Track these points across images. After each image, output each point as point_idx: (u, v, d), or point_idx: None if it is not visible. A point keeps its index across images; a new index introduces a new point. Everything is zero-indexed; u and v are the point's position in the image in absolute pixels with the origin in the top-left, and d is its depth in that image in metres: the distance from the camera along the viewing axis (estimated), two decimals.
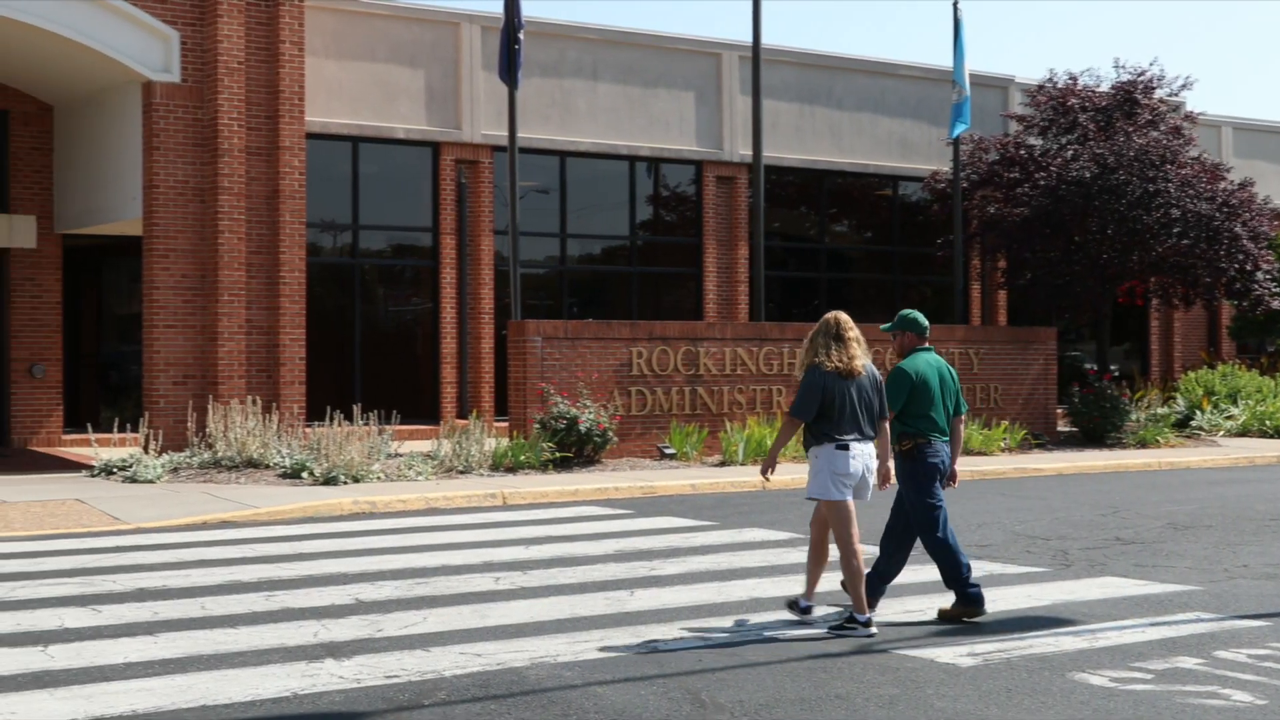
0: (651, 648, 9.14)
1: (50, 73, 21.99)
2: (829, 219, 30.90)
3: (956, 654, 9.01)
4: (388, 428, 20.51)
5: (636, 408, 21.84)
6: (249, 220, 20.91)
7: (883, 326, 11.06)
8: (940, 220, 29.91)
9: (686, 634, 9.58)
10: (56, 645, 9.09)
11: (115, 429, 20.89)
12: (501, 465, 19.79)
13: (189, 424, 20.06)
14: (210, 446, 19.63)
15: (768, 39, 26.05)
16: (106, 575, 11.77)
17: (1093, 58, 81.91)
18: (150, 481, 18.25)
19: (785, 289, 29.85)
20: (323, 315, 24.38)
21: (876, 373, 10.02)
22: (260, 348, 20.98)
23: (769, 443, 21.55)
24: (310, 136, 22.76)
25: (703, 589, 11.30)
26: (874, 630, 9.58)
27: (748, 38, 25.21)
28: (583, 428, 20.35)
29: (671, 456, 21.47)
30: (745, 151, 28.02)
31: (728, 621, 10.01)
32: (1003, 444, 24.07)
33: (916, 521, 10.30)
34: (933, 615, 10.23)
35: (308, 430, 20.42)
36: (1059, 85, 28.65)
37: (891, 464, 10.25)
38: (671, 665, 8.69)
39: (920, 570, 12.26)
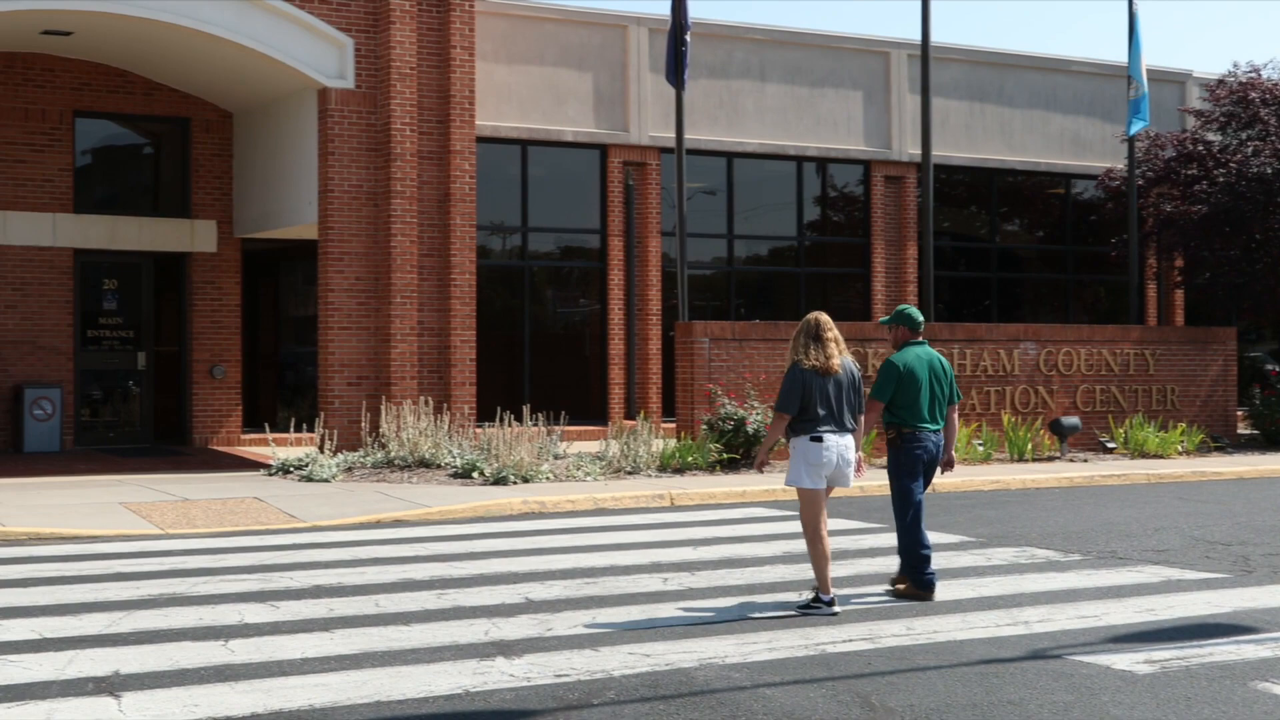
0: (820, 650, 9.10)
1: (231, 81, 22.56)
2: (1000, 218, 30.47)
3: (1133, 661, 8.82)
4: (556, 428, 20.67)
5: None
6: (421, 224, 21.22)
7: (881, 319, 11.98)
8: (1115, 219, 29.34)
9: (855, 637, 9.51)
10: (237, 640, 9.31)
11: (291, 428, 21.36)
12: (669, 466, 19.83)
13: (363, 424, 20.41)
14: (383, 446, 19.95)
15: (937, 37, 25.79)
16: (284, 572, 12.03)
17: (1277, 50, 79.75)
18: (325, 480, 18.61)
19: (955, 289, 29.51)
20: (492, 317, 24.66)
21: (855, 370, 10.68)
22: (432, 349, 21.28)
23: None
24: (480, 140, 23.02)
25: (871, 591, 11.22)
26: (836, 610, 10.25)
27: (916, 36, 25.02)
28: (750, 429, 20.32)
29: None
30: (914, 151, 27.78)
31: (897, 625, 9.92)
32: (1180, 447, 23.54)
33: (894, 502, 11.08)
34: (1108, 622, 10.04)
35: (478, 430, 20.66)
36: (1240, 79, 27.93)
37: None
38: (840, 668, 8.64)
39: (1094, 575, 12.05)
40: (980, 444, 22.08)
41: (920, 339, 11.28)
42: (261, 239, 24.05)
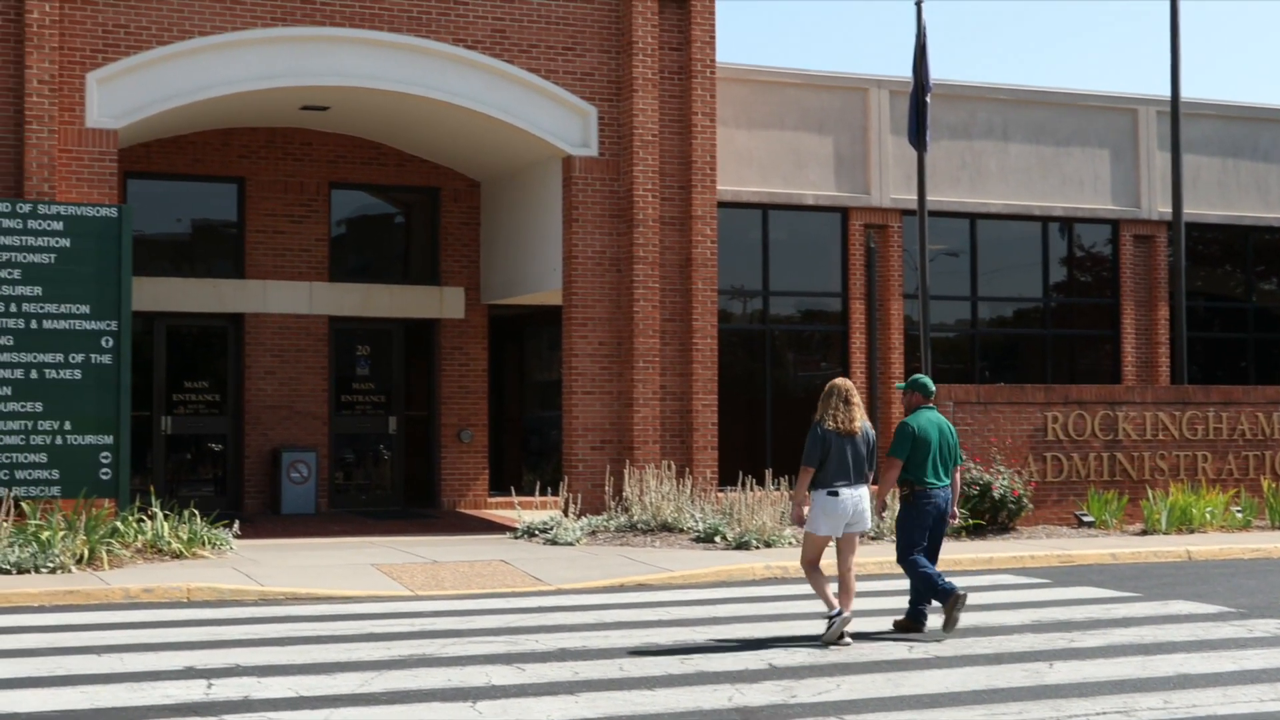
0: None
1: (479, 151, 23.13)
2: (1256, 276, 29.49)
3: None
4: None
5: (1052, 473, 21.28)
6: (663, 288, 21.41)
7: (897, 385, 13.89)
8: None
9: (1110, 710, 9.23)
10: (484, 701, 9.44)
11: (536, 492, 21.65)
12: None
13: (606, 487, 20.60)
14: (626, 510, 20.09)
15: (1186, 92, 25.16)
16: (530, 634, 12.17)
17: None
18: (569, 544, 18.80)
19: (1209, 351, 28.62)
20: (733, 380, 24.69)
21: (871, 431, 12.11)
22: (674, 413, 21.40)
23: (1194, 511, 20.68)
24: (721, 205, 23.15)
25: (1125, 663, 10.89)
26: (846, 614, 11.66)
27: (1164, 92, 24.43)
28: (996, 494, 19.95)
29: (1089, 524, 20.81)
30: (1164, 209, 27.08)
31: (1154, 699, 9.59)
32: None
33: (898, 548, 12.52)
34: None
35: (720, 495, 20.68)
36: None
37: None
38: None
39: None
40: (1239, 510, 21.32)
41: (931, 404, 12.65)
42: (507, 305, 24.52)
